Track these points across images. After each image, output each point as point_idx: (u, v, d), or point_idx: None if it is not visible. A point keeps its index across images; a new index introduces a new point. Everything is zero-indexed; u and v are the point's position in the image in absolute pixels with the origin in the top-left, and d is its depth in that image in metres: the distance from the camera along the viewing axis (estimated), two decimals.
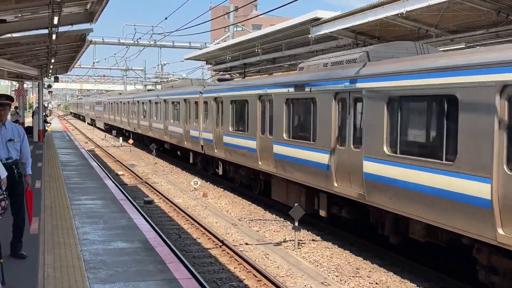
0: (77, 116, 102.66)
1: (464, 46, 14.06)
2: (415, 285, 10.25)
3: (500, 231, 7.84)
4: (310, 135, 13.40)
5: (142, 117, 35.79)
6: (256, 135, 16.63)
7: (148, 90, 43.00)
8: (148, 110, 33.50)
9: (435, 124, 9.44)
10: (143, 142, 38.56)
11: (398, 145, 10.25)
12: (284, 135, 14.67)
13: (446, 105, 8.99)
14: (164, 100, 29.22)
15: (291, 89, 14.29)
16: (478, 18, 12.96)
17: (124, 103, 43.58)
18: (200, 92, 22.81)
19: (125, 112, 42.76)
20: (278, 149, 14.98)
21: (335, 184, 12.23)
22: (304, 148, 13.51)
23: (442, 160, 9.03)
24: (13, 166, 8.25)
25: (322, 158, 12.64)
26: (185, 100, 25.16)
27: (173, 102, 27.69)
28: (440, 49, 13.50)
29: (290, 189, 15.03)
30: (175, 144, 27.44)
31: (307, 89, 13.41)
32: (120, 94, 51.42)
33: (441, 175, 8.95)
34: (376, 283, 10.33)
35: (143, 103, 35.62)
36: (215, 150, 20.59)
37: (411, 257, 11.50)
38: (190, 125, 24.12)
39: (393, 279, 10.61)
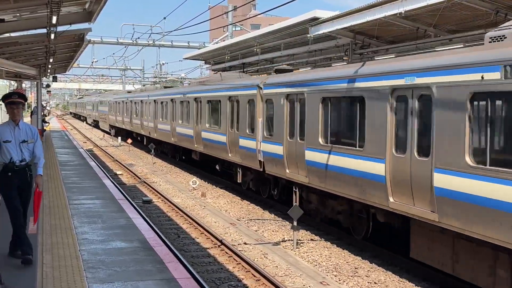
0: (77, 116, 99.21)
1: (462, 46, 14.09)
2: (414, 285, 10.27)
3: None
4: None
5: (160, 119, 29.88)
6: (386, 154, 10.67)
7: (165, 87, 34.57)
8: (170, 111, 27.87)
9: None
10: (161, 150, 32.29)
11: None
12: (468, 159, 8.61)
13: None
14: (195, 99, 23.61)
15: (492, 76, 8.17)
16: (476, 18, 12.98)
17: (135, 103, 37.56)
18: (259, 87, 16.98)
19: (137, 113, 36.93)
20: (448, 182, 8.96)
21: None
22: None
23: None
24: (26, 168, 8.07)
25: None
26: (230, 98, 19.48)
27: (209, 101, 21.91)
28: (438, 49, 13.50)
29: (467, 251, 9.17)
30: (212, 156, 21.73)
31: None
32: (129, 92, 46.34)
33: None
34: (375, 283, 10.34)
35: (161, 102, 29.83)
36: (287, 170, 14.97)
37: (410, 257, 11.50)
38: (240, 132, 18.37)
39: (392, 278, 10.62)
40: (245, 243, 13.09)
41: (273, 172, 15.96)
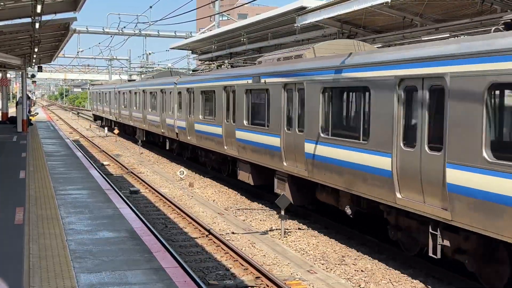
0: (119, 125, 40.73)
1: (448, 35, 14.16)
2: (400, 272, 10.36)
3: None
4: None
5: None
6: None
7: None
8: None
9: None
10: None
11: None
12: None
13: None
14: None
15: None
16: (462, 7, 13.04)
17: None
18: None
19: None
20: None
21: None
22: None
23: None
24: None
25: None
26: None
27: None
28: (423, 38, 13.47)
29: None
30: None
31: None
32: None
33: None
34: (362, 271, 10.42)
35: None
36: None
37: (396, 245, 11.60)
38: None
39: (378, 266, 10.71)
40: (233, 233, 13.12)
41: None
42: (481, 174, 7.99)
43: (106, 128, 41.75)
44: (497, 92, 7.90)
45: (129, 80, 41.42)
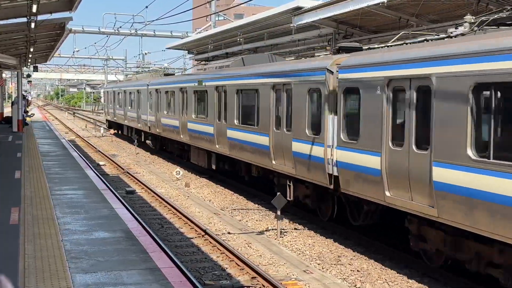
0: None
1: (444, 36, 14.19)
2: (396, 272, 10.37)
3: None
4: None
5: None
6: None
7: None
8: None
9: None
10: None
11: None
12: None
13: None
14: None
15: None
16: (458, 8, 13.07)
17: None
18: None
19: None
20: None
21: None
22: None
23: None
24: None
25: None
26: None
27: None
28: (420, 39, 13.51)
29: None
30: None
31: None
32: None
33: None
34: (358, 271, 10.43)
35: None
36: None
37: (393, 245, 11.62)
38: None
39: (374, 266, 10.72)
40: (229, 233, 13.11)
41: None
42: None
43: (102, 128, 41.64)
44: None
45: (165, 75, 29.57)
